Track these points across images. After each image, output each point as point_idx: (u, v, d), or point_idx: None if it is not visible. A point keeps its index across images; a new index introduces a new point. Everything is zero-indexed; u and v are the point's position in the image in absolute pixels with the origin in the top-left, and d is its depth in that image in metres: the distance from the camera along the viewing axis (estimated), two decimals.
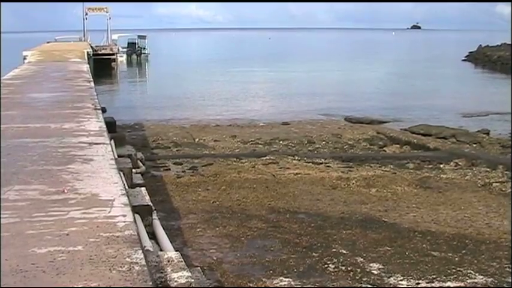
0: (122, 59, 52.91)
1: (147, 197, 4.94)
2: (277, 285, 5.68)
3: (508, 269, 6.28)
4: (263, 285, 5.71)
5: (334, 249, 6.75)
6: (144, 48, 59.47)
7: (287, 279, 5.80)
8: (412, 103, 27.71)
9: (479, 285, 5.78)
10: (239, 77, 41.68)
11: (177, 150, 14.97)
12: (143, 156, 11.19)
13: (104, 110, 9.78)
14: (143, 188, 5.22)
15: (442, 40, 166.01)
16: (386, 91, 34.17)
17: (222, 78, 41.01)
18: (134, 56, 58.21)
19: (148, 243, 3.93)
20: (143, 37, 61.42)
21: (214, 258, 6.56)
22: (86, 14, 52.03)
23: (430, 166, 13.50)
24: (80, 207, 3.68)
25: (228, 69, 48.86)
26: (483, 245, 7.20)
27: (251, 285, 5.74)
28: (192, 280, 3.38)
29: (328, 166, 12.84)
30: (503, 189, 11.55)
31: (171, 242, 4.23)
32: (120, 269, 2.72)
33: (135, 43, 59.62)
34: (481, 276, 5.99)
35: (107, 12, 53.61)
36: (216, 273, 6.14)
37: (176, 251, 3.94)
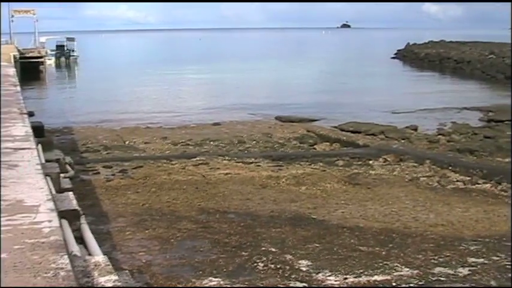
0: (50, 62, 52.07)
1: (75, 202, 4.90)
2: (207, 285, 5.72)
3: (433, 261, 6.45)
4: (192, 286, 5.74)
5: (263, 248, 6.82)
6: (73, 51, 58.60)
7: (216, 279, 5.85)
8: (342, 101, 28.08)
9: (405, 278, 5.92)
10: (170, 78, 41.51)
11: (106, 154, 14.84)
12: (72, 161, 11.07)
13: (31, 115, 9.67)
14: (71, 193, 5.17)
15: (371, 38, 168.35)
16: (316, 90, 34.48)
17: (152, 79, 40.76)
18: (63, 59, 57.28)
19: (75, 248, 3.91)
20: (72, 39, 60.47)
21: (144, 260, 6.56)
22: (12, 16, 50.96)
23: (359, 163, 13.72)
24: (4, 214, 3.66)
25: (158, 70, 48.59)
26: (409, 239, 7.37)
27: (180, 286, 5.78)
28: (120, 284, 3.39)
29: (258, 165, 12.93)
30: (430, 183, 11.84)
31: (99, 246, 4.21)
32: (45, 275, 2.71)
33: (64, 46, 58.64)
34: (407, 269, 6.15)
35: (34, 14, 52.69)
36: (145, 275, 6.15)
37: (105, 255, 3.94)
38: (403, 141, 17.26)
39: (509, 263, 6.40)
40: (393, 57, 67.99)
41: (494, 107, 25.88)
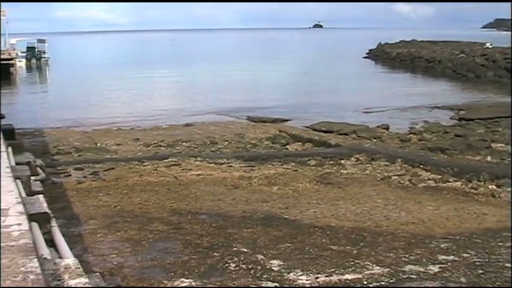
0: (21, 63, 51.63)
1: (45, 205, 4.87)
2: (178, 286, 5.71)
3: (404, 259, 6.50)
4: (164, 287, 5.74)
5: (235, 248, 6.82)
6: (44, 53, 58.19)
7: (188, 280, 5.84)
8: (314, 101, 28.16)
9: (376, 276, 5.96)
10: (142, 80, 41.37)
11: (78, 156, 14.74)
12: (43, 163, 11.03)
13: (1, 117, 9.58)
14: (41, 196, 5.15)
15: (343, 38, 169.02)
16: (289, 90, 34.60)
17: (124, 81, 40.60)
18: (34, 61, 56.89)
19: (46, 251, 3.89)
20: (43, 41, 60.01)
21: (115, 263, 6.53)
22: None
23: (331, 162, 13.77)
24: None
25: (130, 72, 48.41)
26: (381, 237, 7.40)
27: (151, 287, 5.77)
28: (90, 286, 3.39)
29: (230, 166, 12.93)
30: (401, 182, 11.92)
31: (70, 249, 4.19)
32: (14, 279, 2.69)
33: (35, 47, 58.23)
34: (378, 267, 6.18)
35: (4, 16, 52.24)
36: (117, 278, 6.12)
37: (76, 257, 3.93)
38: (375, 140, 17.35)
39: (479, 260, 6.45)
40: (365, 57, 68.41)
41: (465, 105, 26.13)
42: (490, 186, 11.41)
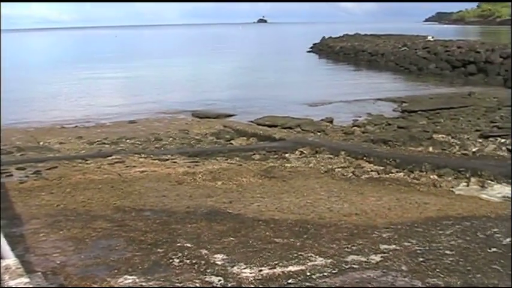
0: None
1: None
2: (122, 283, 5.67)
3: (346, 249, 6.56)
4: (107, 285, 5.69)
5: (179, 244, 6.79)
6: None
7: (131, 277, 5.80)
8: (258, 95, 28.28)
9: (318, 267, 6.00)
10: (85, 77, 40.94)
11: (20, 155, 14.49)
12: None
13: None
14: None
15: (288, 33, 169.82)
16: (233, 85, 34.63)
17: (67, 78, 40.14)
18: None
19: None
20: None
21: (58, 262, 6.45)
22: None
23: (276, 156, 13.83)
24: None
25: (74, 69, 47.87)
26: (324, 229, 7.45)
27: (95, 286, 5.71)
28: (31, 286, 3.36)
29: (174, 162, 12.89)
30: (345, 174, 12.04)
31: (11, 250, 4.14)
32: None
33: None
34: (321, 258, 6.22)
35: None
36: (59, 277, 6.05)
37: (17, 258, 3.88)
38: (319, 133, 17.52)
39: (420, 248, 6.56)
40: (309, 51, 68.87)
41: (407, 97, 26.55)
42: (431, 176, 11.60)
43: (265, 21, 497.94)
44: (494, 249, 6.47)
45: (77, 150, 15.14)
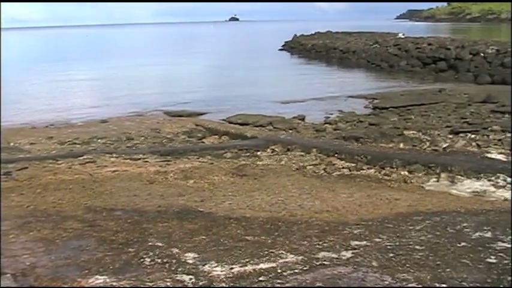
0: None
1: None
2: (92, 284, 5.64)
3: (317, 246, 6.57)
4: (78, 286, 5.66)
5: (150, 243, 6.77)
6: None
7: (102, 277, 5.77)
8: (230, 94, 28.29)
9: (289, 264, 6.01)
10: (56, 77, 40.66)
11: None
12: None
13: None
14: None
15: (260, 31, 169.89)
16: (205, 84, 34.62)
17: (37, 78, 39.83)
18: None
19: None
20: None
21: (28, 263, 6.39)
22: None
23: (247, 154, 13.85)
24: None
25: (44, 68, 47.51)
26: (295, 226, 7.46)
27: (65, 286, 5.68)
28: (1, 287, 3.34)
29: (146, 161, 12.84)
30: (316, 171, 12.09)
31: None
32: None
33: None
34: (292, 256, 6.23)
35: None
36: (29, 278, 6.00)
37: None
38: (290, 131, 17.58)
39: (390, 244, 6.59)
40: (281, 49, 68.97)
41: (378, 94, 26.72)
42: (402, 173, 11.69)
43: (237, 19, 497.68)
44: (463, 244, 6.53)
45: (47, 150, 15.03)
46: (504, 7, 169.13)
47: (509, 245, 6.46)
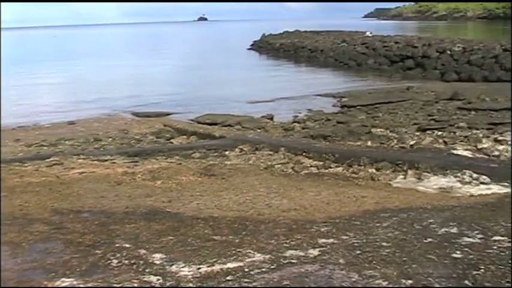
0: None
1: None
2: (59, 286, 5.61)
3: (285, 245, 6.59)
4: (45, 287, 5.63)
5: (117, 244, 6.74)
6: None
7: (69, 280, 5.74)
8: (199, 94, 28.26)
9: (257, 263, 6.02)
10: (22, 78, 40.27)
11: None
12: None
13: None
14: None
15: (228, 30, 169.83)
16: (173, 84, 34.56)
17: (5, 80, 39.37)
18: None
19: None
20: None
21: None
22: None
23: (216, 154, 13.84)
24: None
25: (11, 70, 47.00)
26: (263, 225, 7.47)
27: None
28: None
29: (113, 162, 12.78)
30: (284, 170, 12.12)
31: None
32: None
33: None
34: (259, 254, 6.24)
35: None
36: None
37: None
38: (259, 130, 17.60)
39: (357, 241, 6.63)
40: (249, 49, 68.99)
41: (347, 93, 26.86)
42: (369, 170, 11.77)
43: (205, 19, 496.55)
44: (430, 240, 6.58)
45: (14, 153, 14.89)
46: (470, 5, 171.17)
47: (474, 240, 6.55)
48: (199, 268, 5.91)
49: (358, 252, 6.23)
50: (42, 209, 8.85)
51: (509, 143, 14.28)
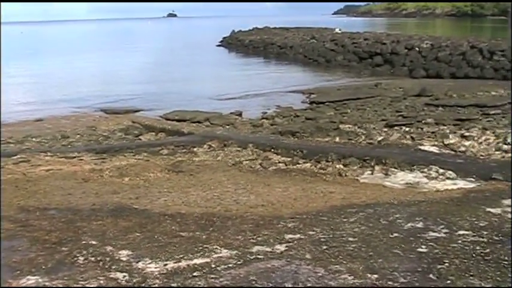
0: None
1: None
2: (24, 284, 5.56)
3: (252, 241, 6.61)
4: (9, 287, 5.58)
5: (84, 242, 6.71)
6: None
7: (35, 277, 5.70)
8: (167, 90, 28.19)
9: (223, 259, 6.03)
10: None
11: None
12: None
13: None
14: None
15: (198, 27, 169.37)
16: (142, 80, 34.38)
17: None
18: None
19: None
20: None
21: None
22: None
23: (184, 150, 13.81)
24: None
25: None
26: (230, 221, 7.48)
27: None
28: None
29: (81, 159, 12.70)
30: (252, 166, 12.14)
31: None
32: None
33: None
34: (226, 250, 6.25)
35: None
36: None
37: None
38: (227, 127, 17.61)
39: (324, 236, 6.67)
40: (218, 45, 68.86)
41: (315, 89, 26.93)
42: (337, 166, 11.83)
43: (175, 15, 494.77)
44: (396, 234, 6.64)
45: None
46: (439, 3, 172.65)
47: (440, 235, 6.62)
48: (165, 264, 5.91)
49: (325, 247, 6.27)
50: (8, 207, 8.76)
51: (475, 139, 14.44)
